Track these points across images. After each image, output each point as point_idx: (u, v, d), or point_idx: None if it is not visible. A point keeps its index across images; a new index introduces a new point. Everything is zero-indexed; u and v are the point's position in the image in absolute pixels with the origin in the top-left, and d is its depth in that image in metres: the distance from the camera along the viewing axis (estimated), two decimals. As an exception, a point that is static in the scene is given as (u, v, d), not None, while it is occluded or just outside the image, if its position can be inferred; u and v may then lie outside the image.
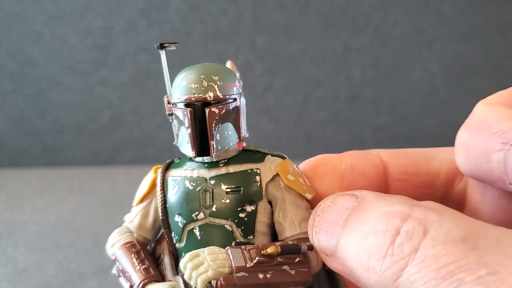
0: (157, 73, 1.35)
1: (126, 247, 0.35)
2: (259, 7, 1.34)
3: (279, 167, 0.35)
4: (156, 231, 0.38)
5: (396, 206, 0.24)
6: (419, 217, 0.23)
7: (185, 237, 0.34)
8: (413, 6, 1.38)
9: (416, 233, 0.22)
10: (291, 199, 0.34)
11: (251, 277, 0.29)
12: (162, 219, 0.35)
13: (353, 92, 1.42)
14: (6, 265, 0.73)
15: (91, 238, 0.83)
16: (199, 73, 0.34)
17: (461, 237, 0.21)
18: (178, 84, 0.34)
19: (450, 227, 0.21)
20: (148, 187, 0.37)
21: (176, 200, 0.34)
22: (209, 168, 0.35)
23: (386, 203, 0.25)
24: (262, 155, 0.36)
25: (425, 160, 0.37)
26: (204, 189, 0.34)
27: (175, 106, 0.34)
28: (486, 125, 0.27)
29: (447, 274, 0.19)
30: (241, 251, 0.30)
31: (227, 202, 0.33)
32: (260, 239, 0.34)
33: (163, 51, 0.35)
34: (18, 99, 1.36)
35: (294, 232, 0.33)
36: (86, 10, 1.31)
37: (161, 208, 0.35)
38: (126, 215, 0.38)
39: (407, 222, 0.23)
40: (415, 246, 0.21)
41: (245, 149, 0.37)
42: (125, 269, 0.34)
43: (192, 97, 0.33)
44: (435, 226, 0.22)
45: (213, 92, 0.33)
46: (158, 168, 0.37)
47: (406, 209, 0.23)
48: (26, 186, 1.20)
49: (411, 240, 0.22)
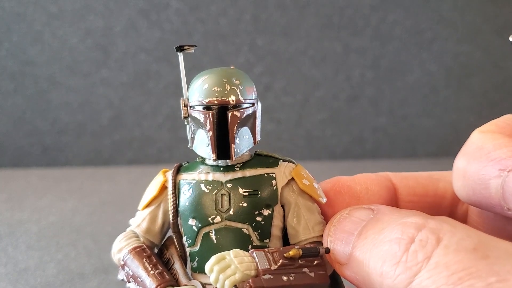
0: (157, 73, 1.35)
1: (136, 251, 0.34)
2: (259, 8, 1.34)
3: (294, 172, 0.35)
4: (163, 236, 0.37)
5: (411, 217, 0.25)
6: (433, 227, 0.24)
7: (200, 241, 0.34)
8: (412, 7, 1.38)
9: (430, 241, 0.23)
10: (304, 203, 0.35)
11: (276, 279, 0.29)
12: (173, 223, 0.35)
13: (353, 93, 1.42)
14: (7, 265, 0.73)
15: (91, 238, 0.83)
16: (221, 77, 0.34)
17: (472, 247, 0.22)
18: (198, 87, 0.34)
19: (462, 237, 0.22)
20: (157, 191, 0.36)
21: (191, 203, 0.34)
22: (225, 172, 0.35)
23: (401, 215, 0.26)
24: (275, 160, 0.36)
25: (432, 183, 0.38)
26: (220, 192, 0.34)
27: (193, 108, 0.34)
28: (483, 152, 0.28)
29: (458, 280, 0.20)
30: (264, 254, 0.30)
31: (245, 205, 0.33)
32: (275, 242, 0.34)
33: (182, 53, 0.35)
34: (18, 99, 1.36)
35: (308, 236, 0.34)
36: (86, 10, 1.32)
37: (172, 212, 0.35)
38: (131, 219, 0.38)
39: (421, 232, 0.24)
40: (428, 254, 0.22)
41: (257, 154, 0.37)
42: (137, 274, 0.33)
43: (215, 100, 0.33)
44: (448, 235, 0.23)
45: (235, 96, 0.33)
46: (166, 171, 0.37)
47: (421, 220, 0.25)
48: (27, 186, 1.20)
49: (424, 248, 0.23)
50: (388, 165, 1.34)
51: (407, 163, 1.40)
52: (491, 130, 0.30)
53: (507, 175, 0.26)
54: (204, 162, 0.36)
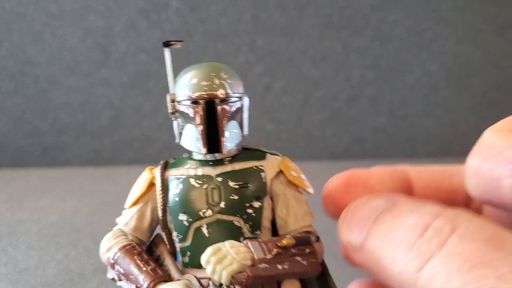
0: (157, 73, 1.35)
1: (127, 249, 0.34)
2: (259, 8, 1.34)
3: (282, 164, 0.36)
4: (152, 233, 0.37)
5: (429, 206, 0.26)
6: (450, 216, 0.24)
7: (191, 236, 0.34)
8: (412, 7, 1.38)
9: (445, 229, 0.23)
10: (293, 194, 0.35)
11: (272, 268, 0.30)
12: (162, 220, 0.35)
13: (353, 93, 1.42)
14: (7, 265, 0.73)
15: (91, 238, 0.83)
16: (208, 71, 0.34)
17: (487, 237, 0.22)
18: (186, 82, 0.34)
19: (478, 227, 0.23)
20: (145, 188, 0.36)
21: (181, 198, 0.34)
22: (214, 166, 0.35)
23: (418, 204, 0.27)
24: (263, 153, 0.36)
25: (447, 178, 0.39)
26: (211, 186, 0.34)
27: (180, 103, 0.34)
28: (495, 152, 0.28)
29: (470, 268, 0.20)
30: (259, 244, 0.31)
31: (236, 198, 0.34)
32: (265, 234, 0.35)
33: (168, 49, 0.35)
34: (18, 99, 1.36)
35: (298, 226, 0.35)
36: (86, 10, 1.32)
37: (161, 208, 0.35)
38: (118, 218, 0.38)
39: (437, 219, 0.24)
40: (442, 241, 0.22)
41: (244, 148, 0.37)
42: (129, 272, 0.33)
43: (204, 94, 0.33)
44: (464, 225, 0.23)
45: (224, 90, 0.34)
46: (153, 168, 0.37)
47: (438, 209, 0.25)
48: (27, 186, 1.20)
49: (439, 235, 0.23)
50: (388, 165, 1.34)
51: (407, 163, 1.39)
52: (504, 129, 0.30)
53: None
54: (191, 157, 0.36)
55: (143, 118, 1.38)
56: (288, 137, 1.42)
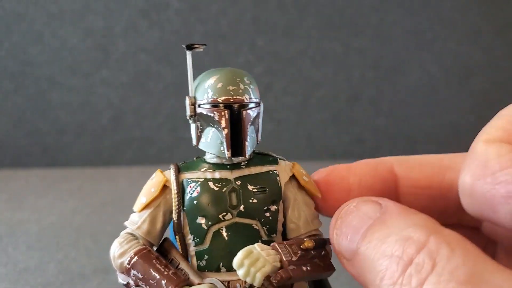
0: (157, 73, 1.35)
1: (143, 253, 0.33)
2: (259, 8, 1.34)
3: (294, 170, 0.37)
4: (162, 237, 0.37)
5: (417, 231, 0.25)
6: (432, 249, 0.24)
7: (210, 239, 0.34)
8: (412, 7, 1.38)
9: (425, 266, 0.23)
10: (303, 198, 0.36)
11: (299, 269, 0.31)
12: (177, 223, 0.35)
13: (353, 93, 1.42)
14: (7, 265, 0.73)
15: (91, 238, 0.83)
16: (234, 76, 0.35)
17: (465, 279, 0.22)
18: (211, 86, 0.34)
19: (457, 265, 0.22)
20: (158, 191, 0.35)
21: (200, 202, 0.34)
22: (232, 170, 0.35)
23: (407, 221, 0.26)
24: (275, 158, 0.37)
25: (439, 172, 0.36)
26: (230, 190, 0.34)
27: (202, 107, 0.34)
28: (488, 172, 0.26)
29: None
30: (284, 246, 0.32)
31: (255, 202, 0.34)
32: (279, 237, 0.35)
33: (190, 51, 0.35)
34: (18, 99, 1.36)
35: (308, 229, 0.36)
36: (86, 10, 1.32)
37: (177, 211, 0.35)
38: (127, 222, 0.37)
39: (419, 254, 0.24)
40: (421, 280, 0.22)
41: (255, 153, 0.37)
42: (149, 277, 0.32)
43: (230, 98, 0.34)
44: (443, 262, 0.23)
45: (248, 95, 0.35)
46: (162, 172, 0.36)
47: (424, 237, 0.24)
48: (27, 186, 1.20)
49: (419, 273, 0.23)
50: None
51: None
52: (496, 138, 0.28)
53: None
54: (205, 160, 0.36)
55: (143, 118, 1.38)
56: (288, 137, 1.42)
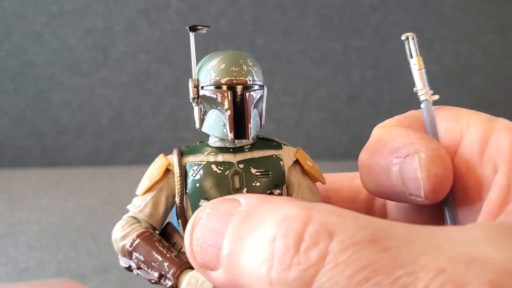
0: (157, 73, 1.35)
1: (146, 236, 0.34)
2: (259, 8, 1.34)
3: (298, 154, 0.36)
4: (164, 221, 0.37)
5: (293, 209, 0.21)
6: (320, 220, 0.20)
7: None
8: (412, 7, 1.38)
9: (322, 237, 0.19)
10: (307, 184, 0.36)
11: None
12: (180, 206, 0.34)
13: (353, 93, 1.42)
14: (7, 265, 0.73)
15: (91, 238, 0.83)
16: (237, 58, 0.35)
17: (368, 239, 0.19)
18: (214, 67, 0.34)
19: (354, 229, 0.20)
20: (161, 175, 0.35)
21: (203, 184, 0.34)
22: (235, 153, 0.35)
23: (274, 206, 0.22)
24: (278, 143, 0.37)
25: (349, 179, 0.40)
26: (233, 173, 0.34)
27: (205, 89, 0.34)
28: (381, 144, 0.30)
29: (363, 279, 0.18)
30: None
31: (258, 185, 0.34)
32: None
33: (193, 33, 0.35)
34: (18, 99, 1.36)
35: None
36: (86, 10, 1.32)
37: (180, 195, 0.34)
38: (129, 205, 0.37)
39: (308, 227, 0.20)
40: (322, 252, 0.19)
41: (259, 138, 0.37)
42: (151, 259, 0.32)
43: (234, 79, 0.34)
44: (339, 228, 0.20)
45: (251, 77, 0.34)
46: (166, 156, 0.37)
47: (304, 212, 0.21)
48: (27, 186, 1.20)
49: (317, 245, 0.19)
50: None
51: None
52: (390, 124, 0.33)
53: (403, 161, 0.28)
54: (208, 144, 0.36)
55: (143, 118, 1.38)
56: (288, 137, 1.42)
